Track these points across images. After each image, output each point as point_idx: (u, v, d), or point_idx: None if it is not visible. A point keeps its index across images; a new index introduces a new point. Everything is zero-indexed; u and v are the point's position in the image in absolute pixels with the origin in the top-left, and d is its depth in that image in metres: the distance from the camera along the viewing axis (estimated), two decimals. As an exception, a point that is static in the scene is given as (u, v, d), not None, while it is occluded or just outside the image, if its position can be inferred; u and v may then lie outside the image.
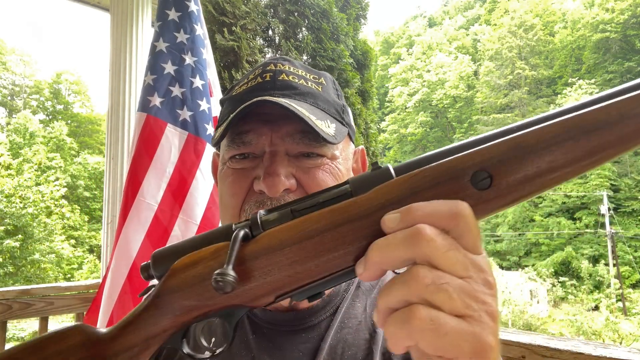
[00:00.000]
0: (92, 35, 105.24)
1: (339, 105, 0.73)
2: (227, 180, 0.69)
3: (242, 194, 0.67)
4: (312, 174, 0.66)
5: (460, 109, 51.33)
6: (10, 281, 21.59)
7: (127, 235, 1.95)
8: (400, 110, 54.79)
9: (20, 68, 41.50)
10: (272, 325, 0.72)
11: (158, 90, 2.09)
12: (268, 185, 0.63)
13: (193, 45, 2.22)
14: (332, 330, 0.68)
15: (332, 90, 0.74)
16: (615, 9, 41.74)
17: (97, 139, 41.28)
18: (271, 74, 0.69)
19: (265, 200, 0.64)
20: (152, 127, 2.04)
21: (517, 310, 22.44)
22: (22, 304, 2.27)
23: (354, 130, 0.79)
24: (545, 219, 36.22)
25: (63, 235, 26.19)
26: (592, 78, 42.80)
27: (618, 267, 27.13)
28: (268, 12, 4.01)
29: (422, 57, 56.19)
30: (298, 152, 0.67)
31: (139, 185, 1.98)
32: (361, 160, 0.81)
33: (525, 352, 1.25)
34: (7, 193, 22.14)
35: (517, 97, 45.68)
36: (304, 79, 0.71)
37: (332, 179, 0.67)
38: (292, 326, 0.71)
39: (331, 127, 0.67)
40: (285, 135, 0.66)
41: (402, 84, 55.44)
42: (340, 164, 0.70)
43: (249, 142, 0.67)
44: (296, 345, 0.68)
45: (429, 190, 0.39)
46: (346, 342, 0.67)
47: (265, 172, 0.64)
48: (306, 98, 0.68)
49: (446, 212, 0.36)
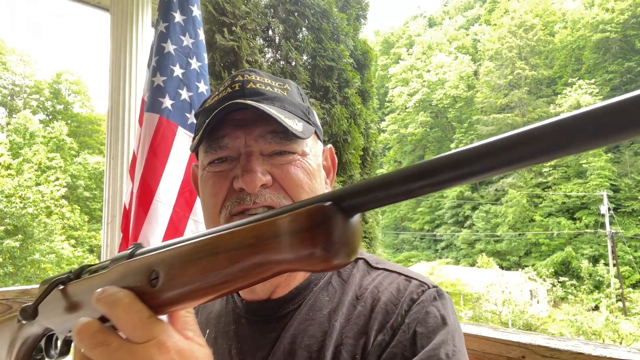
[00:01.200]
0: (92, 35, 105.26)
1: (304, 107, 0.79)
2: (207, 184, 0.75)
3: (222, 193, 0.72)
4: (286, 169, 0.72)
5: (460, 109, 51.33)
6: (10, 281, 21.59)
7: (147, 236, 1.95)
8: (400, 110, 54.80)
9: (20, 68, 41.52)
10: (249, 315, 0.77)
11: (169, 92, 2.10)
12: (246, 181, 0.68)
13: (198, 50, 2.25)
14: (295, 321, 0.72)
15: (297, 95, 0.80)
16: (615, 9, 41.75)
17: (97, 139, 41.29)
18: (240, 84, 0.76)
19: (245, 196, 0.70)
20: (165, 129, 2.05)
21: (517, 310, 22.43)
22: (22, 304, 2.27)
23: (321, 131, 0.85)
24: (545, 219, 36.23)
25: (63, 235, 26.18)
26: (592, 78, 42.82)
27: (618, 267, 27.14)
28: (268, 12, 4.01)
29: (422, 57, 56.19)
30: (271, 151, 0.73)
31: (156, 186, 1.99)
32: (330, 158, 0.87)
33: (525, 352, 1.25)
34: (7, 193, 22.13)
35: (517, 97, 45.68)
36: (270, 85, 0.77)
37: (303, 173, 0.74)
38: (265, 316, 0.76)
39: (299, 125, 0.73)
40: (258, 136, 0.72)
41: (402, 84, 55.44)
42: (310, 159, 0.76)
43: (225, 145, 0.73)
44: (265, 334, 0.73)
45: (118, 282, 0.46)
46: (306, 333, 0.70)
47: (242, 170, 0.70)
48: (274, 102, 0.75)
49: (106, 300, 0.43)
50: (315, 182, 0.76)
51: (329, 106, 4.24)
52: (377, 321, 0.67)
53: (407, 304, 0.68)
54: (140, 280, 0.44)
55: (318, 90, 4.24)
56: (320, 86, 4.24)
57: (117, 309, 0.42)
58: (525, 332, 1.36)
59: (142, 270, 0.45)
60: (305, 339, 0.69)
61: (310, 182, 0.74)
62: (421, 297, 0.68)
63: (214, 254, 0.41)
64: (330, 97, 4.27)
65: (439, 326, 0.65)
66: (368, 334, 0.67)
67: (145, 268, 0.45)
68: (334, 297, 0.74)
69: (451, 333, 0.65)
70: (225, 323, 0.80)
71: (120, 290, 0.43)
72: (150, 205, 1.97)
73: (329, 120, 4.20)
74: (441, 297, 0.70)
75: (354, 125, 4.33)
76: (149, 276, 0.44)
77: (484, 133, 45.72)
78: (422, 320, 0.65)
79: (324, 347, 0.67)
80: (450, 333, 0.65)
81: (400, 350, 0.63)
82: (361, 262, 0.80)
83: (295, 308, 0.74)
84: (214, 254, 0.41)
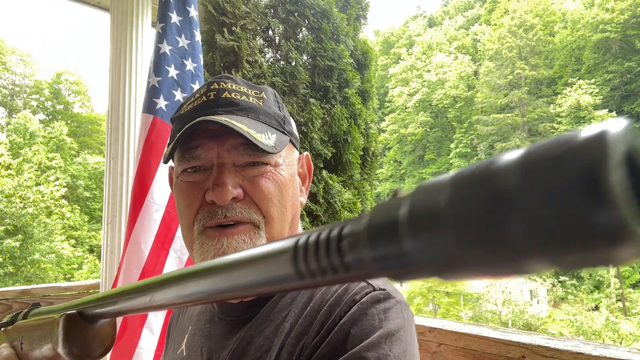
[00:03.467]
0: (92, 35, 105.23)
1: (279, 117, 0.80)
2: (182, 194, 0.76)
3: (195, 205, 0.74)
4: (256, 183, 0.74)
5: (460, 109, 51.34)
6: (10, 281, 21.60)
7: (137, 236, 1.96)
8: (400, 110, 54.81)
9: (20, 68, 41.52)
10: (222, 315, 0.79)
11: (163, 93, 2.11)
12: (217, 195, 0.70)
13: (193, 51, 2.26)
14: (256, 322, 0.73)
15: (273, 103, 0.81)
16: (615, 9, 41.76)
17: (97, 139, 41.30)
18: (215, 92, 0.76)
19: (217, 209, 0.71)
20: (160, 130, 2.06)
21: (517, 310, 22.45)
22: (22, 304, 2.27)
23: (297, 138, 0.86)
24: (545, 219, 36.15)
25: (63, 235, 26.19)
26: (592, 78, 42.84)
27: (618, 267, 27.09)
28: (268, 12, 4.01)
29: (422, 57, 56.21)
30: (243, 162, 0.74)
31: (149, 187, 2.00)
32: (307, 165, 0.88)
33: (525, 352, 1.25)
34: (7, 193, 22.13)
35: (517, 97, 45.70)
36: (246, 94, 0.78)
37: (274, 185, 0.75)
38: (235, 317, 0.77)
39: (271, 138, 0.74)
40: (230, 148, 0.73)
41: (402, 84, 55.45)
42: (283, 169, 0.77)
43: (198, 156, 0.74)
44: (232, 334, 0.75)
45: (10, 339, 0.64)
46: (262, 334, 0.71)
47: (213, 183, 0.71)
48: (248, 113, 0.75)
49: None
50: (286, 193, 0.77)
51: (329, 106, 4.24)
52: (319, 322, 0.65)
53: (347, 304, 0.64)
54: (16, 345, 0.61)
55: (318, 90, 4.24)
56: (320, 86, 4.23)
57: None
58: (525, 332, 1.36)
59: (15, 336, 0.61)
60: (260, 340, 0.70)
61: (281, 194, 0.75)
62: (364, 299, 0.63)
63: (31, 339, 0.58)
64: (330, 97, 4.27)
65: (374, 329, 0.60)
66: (308, 335, 0.65)
67: (16, 335, 0.61)
68: (295, 299, 0.73)
69: (389, 337, 0.59)
70: (203, 321, 0.83)
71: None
72: (143, 205, 1.98)
73: (329, 120, 4.20)
74: (386, 301, 0.64)
75: (354, 125, 4.33)
76: (19, 341, 0.60)
77: (484, 133, 45.74)
78: (357, 322, 0.61)
79: (271, 348, 0.67)
80: (387, 337, 0.59)
81: (330, 350, 0.60)
82: None
83: (260, 310, 0.75)
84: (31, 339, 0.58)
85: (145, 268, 1.96)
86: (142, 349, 1.91)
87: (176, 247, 2.07)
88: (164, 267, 2.01)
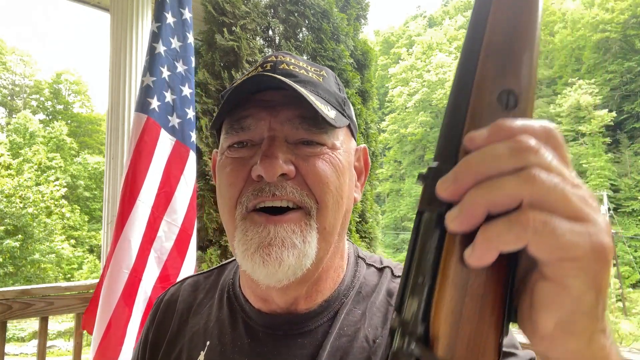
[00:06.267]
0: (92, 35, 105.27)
1: (340, 97, 0.71)
2: (225, 170, 0.66)
3: (239, 183, 0.64)
4: (312, 162, 0.63)
5: (460, 109, 51.19)
6: (10, 281, 21.59)
7: (128, 236, 1.96)
8: (400, 110, 54.80)
9: (20, 68, 41.50)
10: (267, 329, 0.70)
11: (156, 93, 2.12)
12: (265, 167, 0.60)
13: (185, 54, 2.27)
14: (331, 337, 0.66)
15: (333, 84, 0.72)
16: (615, 9, 41.73)
17: (97, 139, 41.26)
18: (272, 64, 0.68)
19: (264, 186, 0.61)
20: (151, 130, 2.07)
21: (517, 310, 22.37)
22: (22, 304, 2.27)
23: (356, 126, 0.76)
24: (545, 219, 36.14)
25: (63, 235, 26.17)
26: (592, 78, 42.80)
27: (618, 267, 27.13)
28: (268, 12, 4.00)
29: (422, 57, 56.19)
30: (297, 139, 0.64)
31: (140, 187, 2.00)
32: (363, 158, 0.78)
33: (526, 352, 1.25)
34: (7, 193, 22.12)
35: (517, 97, 45.58)
36: (305, 69, 0.69)
37: (331, 169, 0.64)
38: (288, 330, 0.68)
39: (331, 112, 0.64)
40: (284, 120, 0.63)
41: (402, 84, 55.44)
42: (340, 154, 0.66)
43: (248, 127, 0.64)
44: (293, 350, 0.66)
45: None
46: (344, 351, 0.65)
47: (262, 154, 0.61)
48: (306, 85, 0.66)
49: (540, 129, 0.32)
50: (343, 181, 0.66)
51: (329, 106, 4.25)
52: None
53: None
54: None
55: (318, 90, 4.25)
56: (320, 86, 4.24)
57: (555, 137, 0.32)
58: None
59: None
60: (344, 357, 0.65)
61: (338, 180, 0.65)
62: None
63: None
64: (330, 97, 4.28)
65: None
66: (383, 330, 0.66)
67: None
68: (365, 308, 0.70)
69: None
70: (235, 336, 0.71)
71: (546, 121, 0.33)
72: (134, 206, 1.98)
73: (329, 120, 4.20)
74: None
75: (354, 125, 4.34)
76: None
77: (484, 133, 45.48)
78: None
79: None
80: None
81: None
82: (387, 270, 0.77)
83: (324, 322, 0.68)
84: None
85: (134, 268, 1.97)
86: (127, 347, 1.92)
87: (156, 247, 2.08)
88: (146, 266, 2.03)
